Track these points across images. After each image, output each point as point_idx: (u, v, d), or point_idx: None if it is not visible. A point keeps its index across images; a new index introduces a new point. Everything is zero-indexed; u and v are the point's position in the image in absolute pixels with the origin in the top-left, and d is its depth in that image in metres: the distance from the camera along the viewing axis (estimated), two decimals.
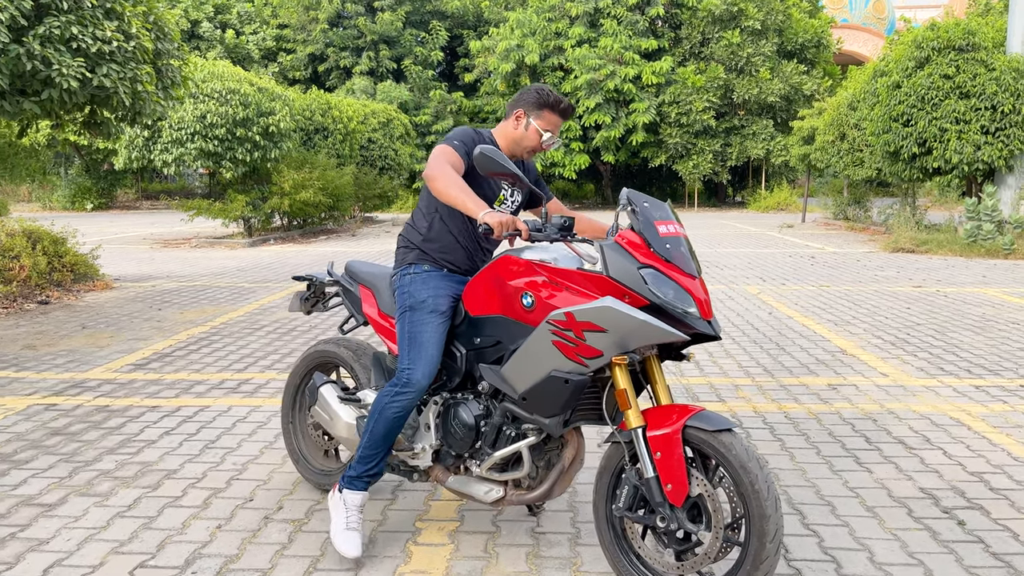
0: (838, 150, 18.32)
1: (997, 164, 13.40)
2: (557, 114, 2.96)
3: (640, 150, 28.77)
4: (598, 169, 31.10)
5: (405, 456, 2.98)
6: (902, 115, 14.08)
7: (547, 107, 2.93)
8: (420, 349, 2.81)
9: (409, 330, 2.85)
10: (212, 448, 3.95)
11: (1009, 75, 13.12)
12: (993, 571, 2.72)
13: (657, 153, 28.54)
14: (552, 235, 2.62)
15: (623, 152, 28.54)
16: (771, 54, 27.78)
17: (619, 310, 2.36)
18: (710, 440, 2.37)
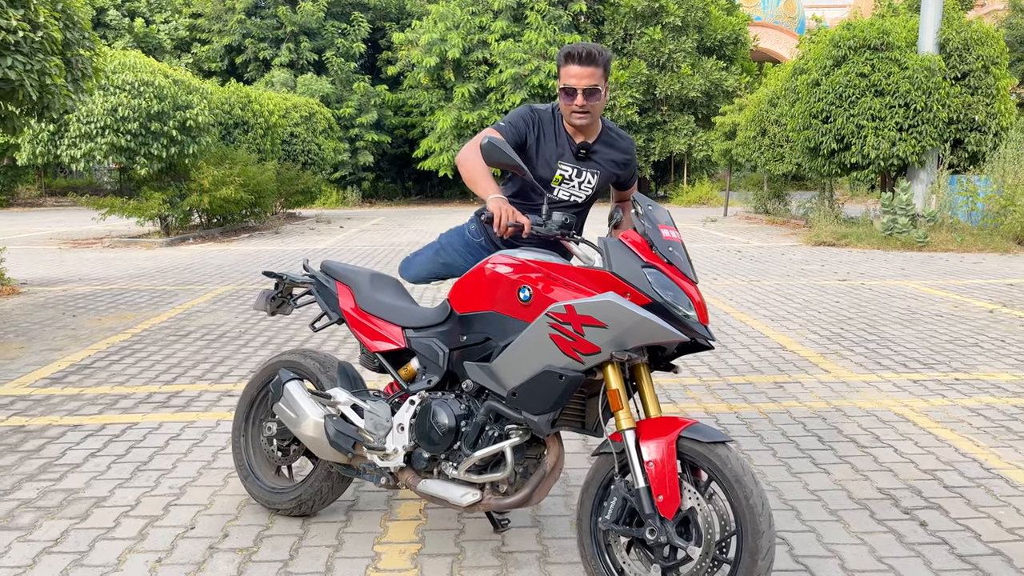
0: (759, 145, 18.74)
1: (911, 160, 13.91)
2: (573, 63, 2.80)
3: None
4: None
5: (375, 457, 2.82)
6: (821, 112, 14.47)
7: (563, 64, 2.84)
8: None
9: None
10: (144, 470, 3.68)
11: (921, 74, 13.61)
12: (961, 574, 2.72)
13: None
14: (552, 231, 2.59)
15: None
16: (691, 50, 28.27)
17: (621, 305, 2.30)
18: (705, 453, 2.30)
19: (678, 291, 2.38)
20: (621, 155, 3.07)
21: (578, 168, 2.99)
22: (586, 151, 3.00)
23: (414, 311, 2.95)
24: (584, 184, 3.03)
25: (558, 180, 3.00)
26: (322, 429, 2.90)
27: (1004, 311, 7.50)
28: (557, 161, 2.96)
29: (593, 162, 3.02)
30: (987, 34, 14.09)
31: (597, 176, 3.03)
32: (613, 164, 3.07)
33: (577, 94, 2.81)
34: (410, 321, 2.91)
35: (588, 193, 3.07)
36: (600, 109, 2.91)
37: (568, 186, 3.02)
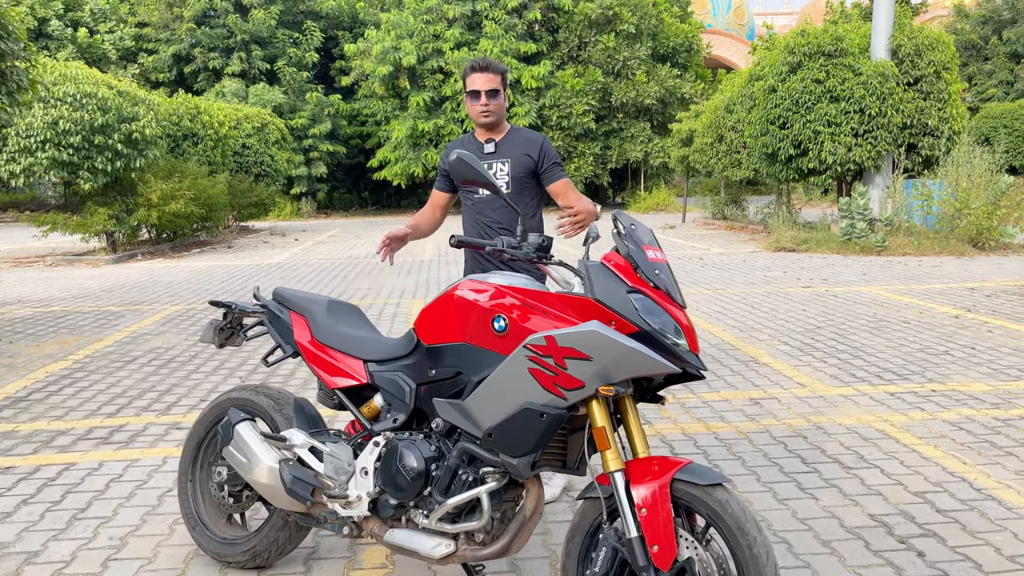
0: (716, 152, 18.79)
1: (867, 165, 14.01)
2: (476, 72, 3.30)
3: None
4: None
5: (337, 506, 2.56)
6: (778, 118, 14.51)
7: (468, 75, 3.34)
8: None
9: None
10: (82, 519, 3.37)
11: (875, 79, 13.72)
12: None
13: None
14: (529, 254, 2.40)
15: None
16: (646, 58, 28.36)
17: (607, 336, 2.09)
18: (702, 497, 2.09)
19: (667, 317, 2.18)
20: (527, 145, 3.42)
21: (489, 163, 3.39)
22: (493, 148, 3.42)
23: (376, 342, 2.70)
24: (497, 174, 3.39)
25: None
26: (277, 475, 2.63)
27: (969, 316, 7.48)
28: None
29: (500, 155, 3.42)
30: (938, 40, 14.27)
31: (508, 164, 3.40)
32: (520, 152, 3.42)
33: (481, 95, 3.30)
34: (372, 353, 2.67)
35: (506, 180, 3.40)
36: (501, 109, 3.39)
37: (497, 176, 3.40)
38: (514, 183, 3.42)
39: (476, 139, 3.47)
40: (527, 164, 3.43)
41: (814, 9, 62.49)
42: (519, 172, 3.42)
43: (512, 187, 3.41)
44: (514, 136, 3.48)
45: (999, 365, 5.66)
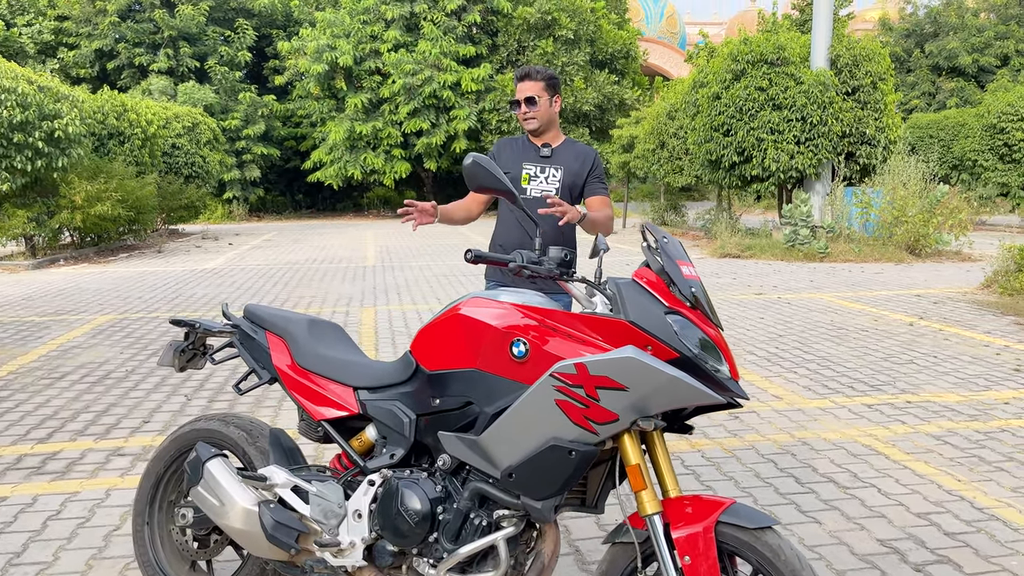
0: (658, 158, 18.87)
1: (808, 172, 14.20)
2: (519, 81, 3.36)
3: (463, 157, 28.52)
4: (420, 176, 30.51)
5: (327, 554, 2.26)
6: (722, 125, 14.61)
7: (516, 84, 3.39)
8: None
9: None
10: (17, 565, 2.97)
11: (816, 88, 13.93)
12: None
13: None
14: (552, 270, 2.14)
15: (445, 159, 28.13)
16: (584, 64, 28.41)
17: (645, 363, 1.87)
18: (751, 542, 1.89)
19: (707, 340, 1.97)
20: (580, 155, 3.44)
21: (541, 166, 3.41)
22: (550, 152, 3.42)
23: (367, 367, 2.41)
24: (550, 179, 3.39)
25: (526, 179, 3.40)
26: (256, 520, 2.31)
27: (923, 324, 7.54)
28: (521, 163, 3.42)
29: (556, 160, 3.42)
30: (874, 51, 14.58)
31: (561, 171, 3.40)
32: (574, 161, 3.42)
33: (521, 104, 3.35)
34: (363, 380, 2.38)
35: (557, 187, 3.39)
36: (544, 114, 3.38)
37: (536, 182, 3.40)
38: (563, 191, 3.41)
39: (532, 143, 3.47)
40: (579, 173, 3.42)
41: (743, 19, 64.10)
42: (570, 180, 3.42)
43: (561, 194, 3.39)
44: (571, 146, 3.49)
45: (965, 374, 5.66)
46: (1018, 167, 19.55)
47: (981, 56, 31.82)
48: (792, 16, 32.29)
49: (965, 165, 20.84)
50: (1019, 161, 19.50)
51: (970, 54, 31.96)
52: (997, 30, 32.21)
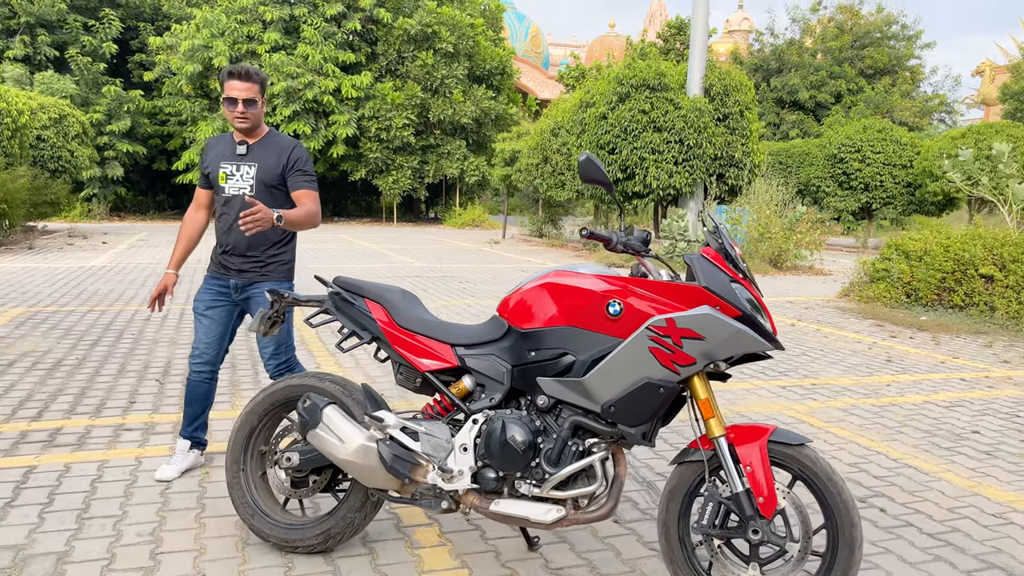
0: (542, 172, 19.75)
1: (684, 190, 15.45)
2: (235, 79, 3.43)
3: (340, 163, 28.43)
4: None
5: (440, 479, 2.69)
6: (608, 144, 15.63)
7: (226, 80, 3.46)
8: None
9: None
10: (89, 519, 3.17)
11: (693, 113, 15.21)
12: None
13: (357, 167, 28.40)
14: (635, 245, 2.69)
15: (322, 164, 27.96)
16: (463, 77, 29.10)
17: (720, 318, 2.45)
18: (795, 455, 2.50)
19: (756, 304, 2.58)
20: (278, 150, 3.56)
21: (237, 164, 3.54)
22: (245, 150, 3.56)
23: (461, 328, 2.87)
24: (244, 176, 3.54)
25: (223, 178, 3.55)
26: (374, 454, 2.72)
27: (802, 324, 8.62)
28: (220, 162, 3.56)
29: (250, 158, 3.55)
30: (742, 82, 16.08)
31: (255, 168, 3.53)
32: (271, 157, 3.56)
33: (238, 103, 3.43)
34: (459, 338, 2.84)
35: (251, 183, 3.54)
36: (258, 116, 3.53)
37: (234, 180, 3.54)
38: (258, 186, 3.52)
39: (233, 141, 3.60)
40: (275, 169, 3.53)
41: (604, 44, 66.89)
42: (265, 176, 3.51)
43: (255, 190, 3.52)
44: (268, 140, 3.59)
45: (850, 363, 6.65)
46: (854, 194, 21.88)
47: (818, 92, 35.08)
48: (657, 44, 34.35)
49: (809, 190, 23.06)
50: (855, 188, 21.83)
51: (808, 90, 35.17)
52: (831, 70, 35.63)
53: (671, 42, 34.70)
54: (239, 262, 3.61)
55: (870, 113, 32.83)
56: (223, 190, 3.58)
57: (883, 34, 37.08)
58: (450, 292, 10.33)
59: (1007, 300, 8.94)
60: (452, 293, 10.23)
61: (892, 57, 36.69)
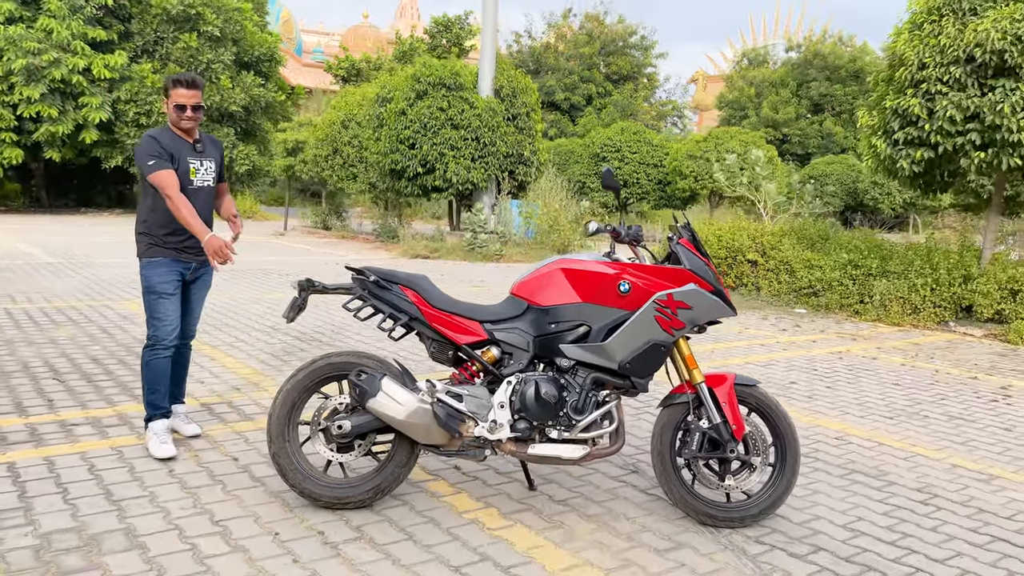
0: (332, 164, 19.80)
1: (480, 185, 16.41)
2: (182, 87, 3.85)
3: (92, 149, 26.15)
4: (30, 168, 27.21)
5: (484, 431, 3.24)
6: (408, 139, 16.18)
7: (172, 88, 3.87)
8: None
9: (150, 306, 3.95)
10: (122, 501, 3.32)
11: (487, 113, 16.19)
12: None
13: (112, 153, 26.29)
14: (632, 237, 3.39)
15: (69, 149, 25.56)
16: (230, 63, 27.97)
17: (702, 292, 3.30)
18: (752, 393, 3.40)
19: (718, 279, 3.44)
20: (217, 146, 4.16)
21: (200, 159, 3.98)
22: (203, 147, 4.03)
23: (485, 308, 3.44)
24: (208, 171, 4.02)
25: (193, 172, 3.94)
26: (430, 415, 3.21)
27: None
28: (187, 159, 3.92)
29: (207, 154, 4.04)
30: (528, 85, 17.34)
31: (214, 162, 4.05)
32: (216, 153, 4.12)
33: (187, 109, 3.86)
34: (486, 316, 3.40)
35: (214, 175, 4.06)
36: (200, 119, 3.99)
37: (201, 174, 3.98)
38: (216, 179, 4.09)
39: (183, 139, 3.94)
40: (221, 164, 4.15)
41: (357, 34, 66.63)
42: (218, 170, 4.11)
43: (213, 183, 4.07)
44: (204, 138, 4.07)
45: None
46: None
47: (572, 95, 37.97)
48: (425, 40, 35.19)
49: (576, 186, 25.15)
50: None
51: (563, 92, 37.94)
52: (583, 74, 38.72)
53: (438, 39, 35.73)
54: (200, 247, 3.94)
55: (618, 115, 36.15)
56: (192, 183, 3.94)
57: (625, 43, 40.90)
58: (277, 285, 10.41)
59: (768, 281, 10.81)
60: (276, 286, 10.33)
61: (633, 65, 40.59)
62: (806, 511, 3.57)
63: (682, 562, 3.02)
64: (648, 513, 3.48)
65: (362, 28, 68.43)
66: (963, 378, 6.46)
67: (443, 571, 2.86)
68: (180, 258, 4.01)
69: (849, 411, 5.31)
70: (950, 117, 7.99)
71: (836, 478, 4.02)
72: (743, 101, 43.73)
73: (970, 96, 7.94)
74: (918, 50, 8.29)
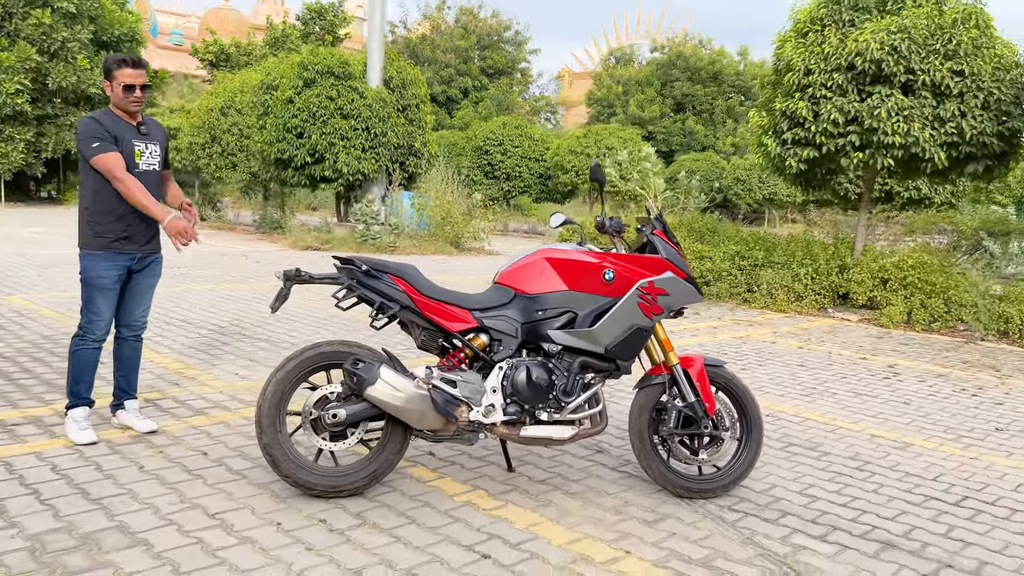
0: (209, 153, 19.01)
1: (371, 176, 16.25)
2: (128, 67, 3.77)
3: None
4: None
5: (479, 416, 3.33)
6: (296, 128, 15.79)
7: (117, 69, 3.76)
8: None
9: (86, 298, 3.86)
10: (110, 497, 3.19)
11: (378, 103, 16.04)
12: None
13: None
14: (615, 228, 3.59)
15: None
16: (87, 42, 26.27)
17: (678, 280, 3.55)
18: (721, 373, 3.66)
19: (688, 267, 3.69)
20: (160, 130, 4.05)
21: (145, 142, 3.89)
22: (147, 131, 3.94)
23: (473, 296, 3.53)
24: (153, 154, 3.93)
25: (138, 155, 3.84)
26: (428, 401, 3.27)
27: None
28: (131, 141, 3.82)
29: (150, 136, 3.94)
30: (416, 77, 17.29)
31: (158, 146, 3.96)
32: (160, 137, 4.02)
33: (135, 89, 3.77)
34: (474, 304, 3.50)
35: (159, 159, 3.97)
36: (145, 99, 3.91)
37: (146, 157, 3.88)
38: (161, 163, 4.00)
39: (126, 122, 3.83)
40: (165, 148, 4.06)
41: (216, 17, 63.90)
42: (162, 154, 4.01)
43: (160, 167, 3.99)
44: (151, 121, 4.01)
45: None
46: (498, 183, 24.54)
47: (448, 88, 37.99)
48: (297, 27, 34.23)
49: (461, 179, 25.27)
50: (499, 178, 24.50)
51: (440, 85, 37.90)
52: (459, 67, 38.80)
53: (311, 25, 34.85)
54: (147, 234, 3.93)
55: (495, 109, 36.51)
56: (137, 166, 3.83)
57: (500, 38, 41.30)
58: (173, 279, 10.00)
59: None
60: (173, 280, 9.93)
61: (508, 59, 41.05)
62: (763, 480, 3.88)
63: (672, 531, 3.23)
64: (626, 489, 3.68)
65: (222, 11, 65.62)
66: (854, 359, 7.09)
67: (457, 551, 2.95)
68: (124, 250, 3.88)
69: (768, 391, 5.73)
70: (833, 120, 8.69)
71: (777, 451, 4.37)
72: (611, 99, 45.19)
73: (851, 101, 8.66)
74: (804, 57, 8.94)
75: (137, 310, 4.09)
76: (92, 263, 3.85)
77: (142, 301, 4.10)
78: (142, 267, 4.01)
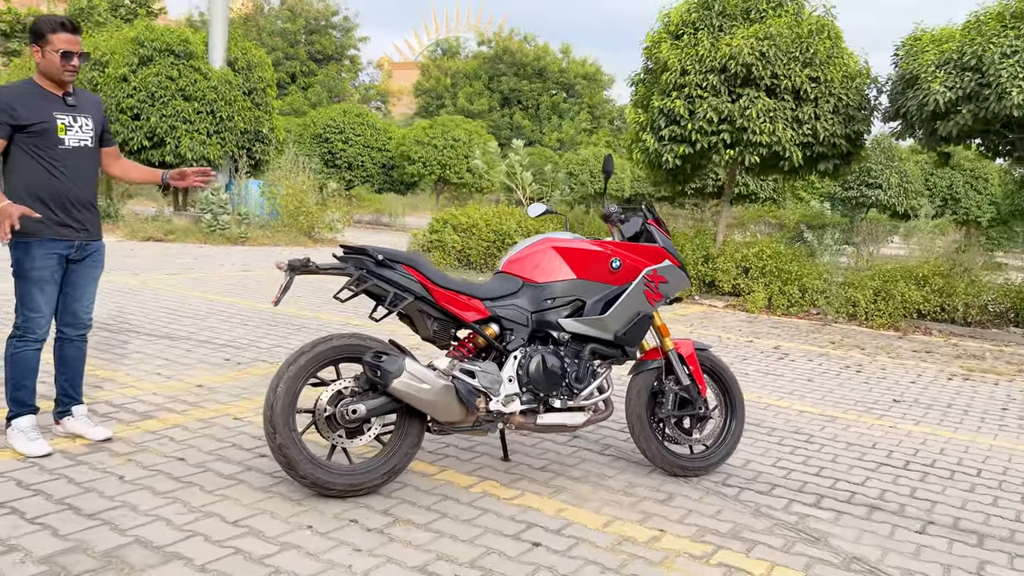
0: None
1: (218, 163, 15.32)
2: (66, 32, 3.39)
3: None
4: None
5: (499, 405, 3.30)
6: (131, 108, 14.58)
7: (53, 32, 3.38)
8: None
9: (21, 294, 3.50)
10: (115, 502, 2.85)
11: (223, 85, 15.14)
12: None
13: None
14: (618, 219, 3.71)
15: None
16: None
17: (675, 268, 3.70)
18: (709, 356, 3.86)
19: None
20: (94, 103, 3.65)
21: (73, 115, 3.49)
22: (75, 101, 3.53)
23: (483, 285, 3.48)
24: (83, 128, 3.53)
25: (62, 129, 3.43)
26: (451, 392, 3.20)
27: None
28: (52, 113, 3.42)
29: (79, 108, 3.54)
30: (263, 60, 16.49)
31: (90, 119, 3.56)
32: (93, 109, 3.62)
33: (74, 56, 3.41)
34: (485, 294, 3.45)
35: (92, 135, 3.57)
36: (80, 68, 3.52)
37: (73, 132, 3.48)
38: (95, 138, 3.60)
39: (50, 92, 3.46)
40: (100, 121, 3.65)
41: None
42: (96, 128, 3.60)
43: (93, 143, 3.58)
44: (83, 94, 3.61)
45: None
46: (339, 172, 23.90)
47: (275, 72, 36.45)
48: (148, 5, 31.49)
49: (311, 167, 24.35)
50: (340, 167, 23.87)
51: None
52: (286, 51, 37.34)
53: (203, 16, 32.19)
54: (85, 217, 3.56)
55: (326, 96, 35.48)
56: (62, 142, 3.46)
57: (328, 23, 40.16)
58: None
59: None
60: None
61: (337, 45, 40.01)
62: (738, 457, 4.11)
63: (688, 508, 3.37)
64: (621, 471, 3.78)
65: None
66: (743, 342, 7.62)
67: (506, 541, 2.91)
68: (59, 236, 3.48)
69: None
70: (708, 118, 9.25)
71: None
72: (439, 90, 45.29)
73: (723, 101, 9.26)
74: (680, 58, 9.45)
75: (81, 305, 3.69)
76: (24, 253, 3.44)
77: (84, 295, 3.70)
78: (82, 256, 3.61)
